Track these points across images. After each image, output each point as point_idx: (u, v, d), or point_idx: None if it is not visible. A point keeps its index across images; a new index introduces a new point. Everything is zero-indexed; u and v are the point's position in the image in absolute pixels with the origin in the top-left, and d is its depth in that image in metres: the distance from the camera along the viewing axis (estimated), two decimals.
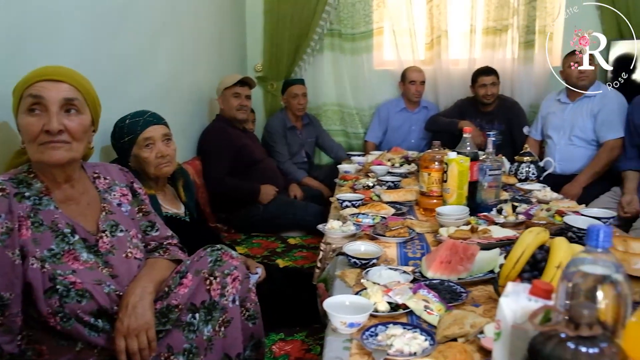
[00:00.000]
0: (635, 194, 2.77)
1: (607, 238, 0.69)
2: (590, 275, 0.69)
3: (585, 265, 0.71)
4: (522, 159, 2.53)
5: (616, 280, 0.69)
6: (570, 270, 0.70)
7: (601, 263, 0.70)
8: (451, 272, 1.38)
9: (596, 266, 0.70)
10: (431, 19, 3.87)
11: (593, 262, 0.71)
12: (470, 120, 3.51)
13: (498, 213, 1.84)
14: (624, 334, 0.66)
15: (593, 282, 0.69)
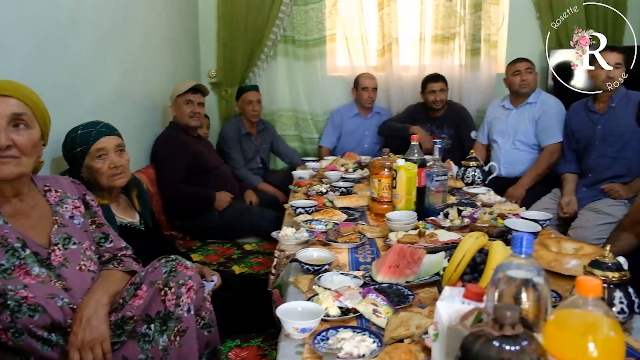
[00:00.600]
0: (574, 195, 2.94)
1: (530, 245, 0.76)
2: (514, 279, 0.77)
3: (510, 270, 0.78)
4: (468, 164, 2.64)
5: (537, 283, 0.76)
6: (498, 275, 0.77)
7: (525, 268, 0.78)
8: (399, 276, 1.44)
9: (520, 270, 0.77)
10: (382, 26, 3.98)
11: (518, 267, 0.78)
12: (421, 125, 3.64)
13: (445, 217, 1.93)
14: (543, 332, 0.73)
15: (517, 286, 0.77)
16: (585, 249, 1.50)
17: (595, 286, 0.67)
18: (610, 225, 2.73)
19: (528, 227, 1.71)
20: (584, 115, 2.99)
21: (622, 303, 1.16)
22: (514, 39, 4.05)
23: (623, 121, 2.80)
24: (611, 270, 1.18)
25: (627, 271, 1.20)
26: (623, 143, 2.81)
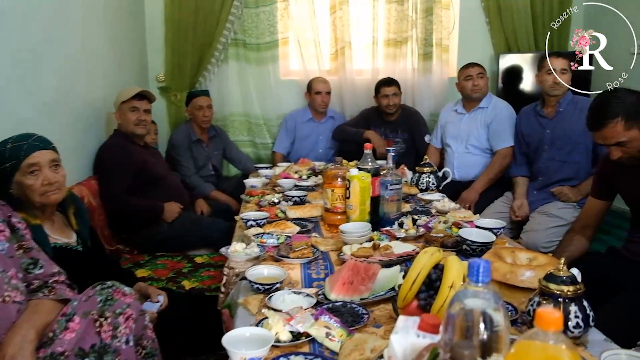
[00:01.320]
0: (525, 198, 2.97)
1: (487, 273, 0.72)
2: (471, 310, 0.72)
3: (467, 299, 0.73)
4: (422, 170, 2.63)
5: (495, 313, 0.72)
6: (454, 306, 0.72)
7: (482, 296, 0.73)
8: (354, 293, 1.39)
9: (477, 299, 0.73)
10: (335, 30, 3.94)
11: (474, 295, 0.73)
12: (375, 129, 3.62)
13: (399, 227, 1.89)
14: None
15: (474, 316, 0.72)
16: (539, 259, 1.49)
17: (555, 320, 0.63)
18: (561, 228, 2.77)
19: (482, 236, 1.69)
20: (533, 120, 3.03)
21: (578, 317, 1.14)
22: (465, 43, 4.10)
23: (571, 125, 2.86)
24: (566, 284, 1.16)
25: (581, 284, 1.18)
26: (571, 147, 2.87)
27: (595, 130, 1.79)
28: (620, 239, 2.20)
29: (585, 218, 2.13)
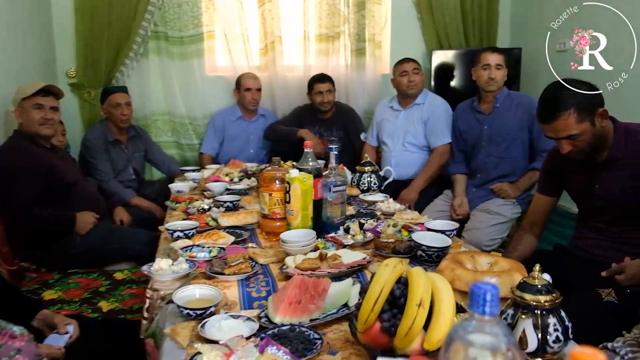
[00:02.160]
0: (464, 196, 2.91)
1: (496, 302, 0.55)
2: (476, 347, 0.55)
3: (469, 334, 0.56)
4: (363, 169, 2.48)
5: (506, 352, 0.55)
6: (454, 347, 0.55)
7: (489, 330, 0.56)
8: (302, 314, 1.20)
9: (484, 335, 0.56)
10: (264, 23, 3.73)
11: (479, 329, 0.56)
12: (309, 128, 3.45)
13: (345, 232, 1.73)
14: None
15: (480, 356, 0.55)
16: (501, 263, 1.37)
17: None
18: (502, 225, 2.74)
19: (437, 240, 1.55)
20: (470, 116, 2.98)
21: (557, 330, 1.02)
22: (398, 40, 4.02)
23: (507, 121, 2.83)
24: (542, 294, 1.04)
25: (557, 292, 1.06)
26: (508, 143, 2.83)
27: (547, 123, 1.71)
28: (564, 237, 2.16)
29: (533, 215, 2.07)
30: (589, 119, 1.67)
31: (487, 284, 0.55)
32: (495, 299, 0.55)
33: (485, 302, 0.55)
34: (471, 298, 0.56)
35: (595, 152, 1.76)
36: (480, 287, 0.55)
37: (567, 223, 2.27)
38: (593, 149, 1.74)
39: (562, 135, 1.70)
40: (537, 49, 3.83)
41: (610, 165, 1.77)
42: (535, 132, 2.78)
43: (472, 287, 0.56)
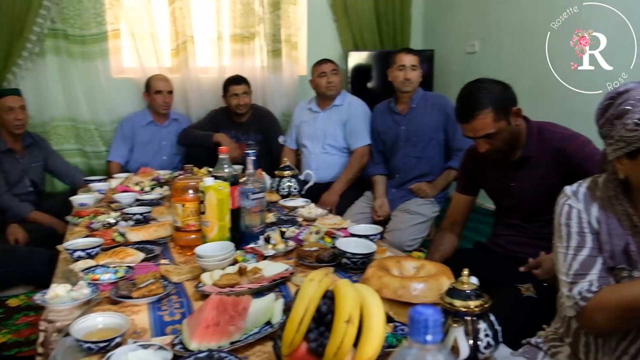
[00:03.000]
0: (385, 197, 2.92)
1: (438, 328, 0.48)
2: None
3: None
4: (282, 174, 2.40)
5: None
6: None
7: (430, 358, 0.49)
8: (221, 337, 1.09)
9: None
10: (175, 22, 3.55)
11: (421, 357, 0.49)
12: (225, 132, 3.32)
13: (266, 242, 1.63)
14: None
15: None
16: (427, 267, 1.33)
17: None
18: (423, 225, 2.77)
19: (362, 246, 1.50)
20: (387, 117, 3.00)
21: (488, 336, 0.99)
22: (314, 41, 3.99)
23: (423, 121, 2.86)
24: (472, 299, 1.00)
25: (486, 296, 1.03)
26: (425, 142, 2.87)
27: (465, 123, 1.72)
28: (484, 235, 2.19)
29: (454, 215, 2.08)
30: (504, 117, 1.69)
31: (427, 308, 0.49)
32: (437, 325, 0.48)
33: (427, 329, 0.48)
34: (411, 325, 0.49)
35: (511, 151, 1.79)
36: (421, 312, 0.48)
37: (486, 220, 2.32)
38: (509, 147, 1.77)
39: (480, 134, 1.71)
40: (449, 50, 3.95)
41: (524, 164, 1.81)
42: (450, 131, 2.83)
43: (412, 312, 0.49)
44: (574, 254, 1.22)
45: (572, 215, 1.24)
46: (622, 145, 1.10)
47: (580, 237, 1.22)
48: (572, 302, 1.21)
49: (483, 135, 1.70)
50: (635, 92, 1.09)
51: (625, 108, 1.09)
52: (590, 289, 1.17)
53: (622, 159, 1.12)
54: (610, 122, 1.12)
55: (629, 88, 1.11)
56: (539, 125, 1.82)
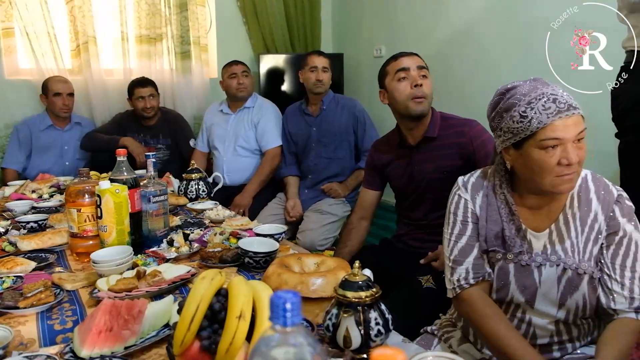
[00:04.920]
0: (297, 198, 2.95)
1: (297, 311, 0.51)
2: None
3: (272, 349, 0.51)
4: (190, 177, 2.36)
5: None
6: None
7: (293, 342, 0.52)
8: (115, 342, 1.06)
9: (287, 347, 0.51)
10: (74, 22, 3.37)
11: (283, 342, 0.52)
12: (133, 135, 3.21)
13: (169, 245, 1.60)
14: None
15: None
16: (327, 262, 1.37)
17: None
18: (334, 224, 2.83)
19: (265, 245, 1.51)
20: (299, 118, 3.04)
21: (379, 324, 1.03)
22: (224, 43, 3.95)
23: (334, 123, 2.93)
24: (363, 290, 1.04)
25: (377, 286, 1.08)
26: (336, 144, 2.94)
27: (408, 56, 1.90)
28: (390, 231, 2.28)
29: (361, 210, 2.15)
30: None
31: (287, 293, 0.51)
32: (296, 307, 0.50)
33: (286, 312, 0.50)
34: (271, 309, 0.51)
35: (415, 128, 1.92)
36: (280, 296, 0.50)
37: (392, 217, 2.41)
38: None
39: (421, 64, 1.87)
40: (357, 54, 4.06)
41: (426, 145, 1.91)
42: (359, 133, 2.92)
43: (271, 297, 0.51)
44: (455, 240, 1.32)
45: (460, 204, 1.33)
46: (509, 137, 1.20)
47: (463, 226, 1.31)
48: (452, 286, 1.31)
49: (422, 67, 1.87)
50: (521, 88, 1.20)
51: (512, 102, 1.19)
52: (467, 278, 1.27)
53: (509, 150, 1.22)
54: (499, 115, 1.22)
55: (515, 85, 1.22)
56: (442, 113, 1.95)
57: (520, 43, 2.82)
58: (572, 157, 1.14)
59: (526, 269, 1.25)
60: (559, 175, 1.16)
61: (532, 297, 1.25)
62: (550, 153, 1.15)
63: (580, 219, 1.24)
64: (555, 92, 1.17)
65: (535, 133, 1.15)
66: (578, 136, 1.15)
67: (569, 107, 1.15)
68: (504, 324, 1.23)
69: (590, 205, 1.24)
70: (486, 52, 3.02)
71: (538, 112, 1.15)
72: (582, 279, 1.22)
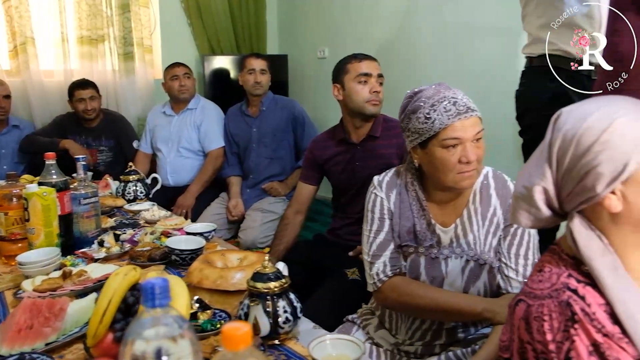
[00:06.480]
0: (239, 197, 3.01)
1: (165, 294, 0.58)
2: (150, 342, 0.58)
3: (145, 330, 0.59)
4: (127, 178, 2.38)
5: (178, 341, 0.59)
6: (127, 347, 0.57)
7: (163, 322, 0.59)
8: (36, 339, 1.10)
9: (158, 328, 0.59)
10: (11, 22, 3.32)
11: (154, 323, 0.59)
12: (74, 138, 3.19)
13: (100, 246, 1.64)
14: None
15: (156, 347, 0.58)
16: (249, 257, 1.45)
17: (243, 335, 0.53)
18: (275, 222, 2.90)
19: (192, 243, 1.58)
20: (240, 119, 3.10)
21: (287, 312, 1.12)
22: (168, 44, 3.96)
23: (274, 123, 3.01)
24: (272, 281, 1.13)
25: (287, 277, 1.16)
26: (276, 144, 3.02)
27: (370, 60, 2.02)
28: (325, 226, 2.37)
29: (297, 204, 2.24)
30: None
31: (157, 279, 0.58)
32: (164, 291, 0.58)
33: (154, 295, 0.58)
34: (143, 295, 0.58)
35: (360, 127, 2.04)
36: (149, 282, 0.58)
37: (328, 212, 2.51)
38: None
39: (380, 72, 1.99)
40: (302, 56, 4.15)
41: (368, 143, 2.03)
42: (299, 132, 3.01)
43: (142, 284, 0.58)
44: (374, 236, 1.41)
45: (376, 202, 1.43)
46: (416, 137, 1.30)
47: (380, 222, 1.41)
48: (372, 281, 1.40)
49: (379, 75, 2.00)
50: (426, 92, 1.31)
51: (418, 104, 1.29)
52: (385, 271, 1.37)
53: (417, 149, 1.33)
54: (407, 117, 1.32)
55: (422, 89, 1.33)
56: (384, 116, 2.07)
57: (449, 45, 2.98)
58: (471, 156, 1.26)
59: (435, 261, 1.36)
60: (460, 172, 1.27)
61: (440, 287, 1.36)
62: (451, 152, 1.26)
63: (482, 213, 1.36)
64: (455, 95, 1.29)
65: (438, 133, 1.26)
66: (476, 136, 1.27)
67: (468, 110, 1.26)
68: (430, 289, 1.33)
69: (490, 200, 1.36)
70: (419, 54, 3.16)
71: (440, 114, 1.26)
72: (483, 269, 1.34)
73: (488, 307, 1.26)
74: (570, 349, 0.75)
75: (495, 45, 2.72)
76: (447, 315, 1.32)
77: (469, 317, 1.30)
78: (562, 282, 0.81)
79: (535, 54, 1.73)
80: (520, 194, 0.87)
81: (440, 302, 1.30)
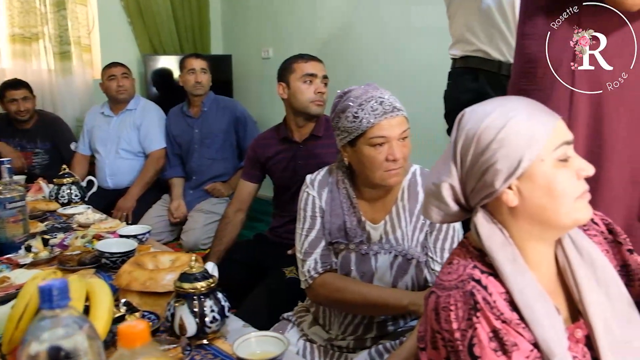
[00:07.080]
0: (182, 199, 2.98)
1: (63, 295, 0.58)
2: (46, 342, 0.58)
3: (45, 332, 0.59)
4: (61, 181, 2.31)
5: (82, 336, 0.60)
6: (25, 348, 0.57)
7: (63, 323, 0.60)
8: None
9: (57, 329, 0.59)
10: None
11: (54, 324, 0.59)
12: (7, 141, 3.08)
13: (27, 251, 1.59)
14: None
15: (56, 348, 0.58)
16: (182, 258, 1.44)
17: (139, 333, 0.54)
18: (217, 223, 2.89)
19: (124, 245, 1.55)
20: (181, 120, 3.07)
21: (214, 311, 1.12)
22: (108, 43, 3.87)
23: (216, 124, 2.99)
24: (199, 281, 1.13)
25: (214, 277, 1.17)
26: (218, 145, 3.00)
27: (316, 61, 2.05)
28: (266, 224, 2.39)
29: (238, 202, 2.24)
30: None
31: (55, 281, 0.58)
32: (63, 292, 0.58)
33: (52, 297, 0.58)
34: (40, 297, 0.58)
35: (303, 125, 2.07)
36: (46, 284, 0.58)
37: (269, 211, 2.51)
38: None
39: (325, 73, 2.02)
40: (246, 56, 4.14)
41: (311, 142, 2.06)
42: (241, 133, 3.01)
43: (39, 286, 0.58)
44: (306, 234, 1.44)
45: (308, 201, 1.45)
46: (345, 135, 1.33)
47: (312, 220, 1.43)
48: (304, 278, 1.42)
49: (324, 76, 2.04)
50: (355, 92, 1.34)
51: (347, 104, 1.32)
52: (316, 268, 1.39)
53: (346, 147, 1.36)
54: (337, 116, 1.35)
55: (351, 89, 1.36)
56: (326, 115, 2.08)
57: (389, 46, 3.05)
58: (397, 154, 1.30)
59: (365, 257, 1.39)
60: (387, 170, 1.31)
61: (369, 282, 1.40)
62: (378, 150, 1.30)
63: (409, 210, 1.40)
64: (382, 95, 1.32)
65: (366, 132, 1.30)
66: (402, 135, 1.31)
67: (394, 109, 1.31)
68: (359, 285, 1.36)
69: (417, 197, 1.41)
70: (361, 54, 3.22)
71: (367, 113, 1.29)
72: (410, 263, 1.38)
73: (413, 300, 1.30)
74: (473, 336, 0.79)
75: (431, 45, 2.81)
76: (376, 309, 1.36)
77: (396, 311, 1.35)
78: (467, 273, 0.85)
79: (458, 55, 1.81)
80: (430, 191, 0.92)
81: (369, 297, 1.33)
